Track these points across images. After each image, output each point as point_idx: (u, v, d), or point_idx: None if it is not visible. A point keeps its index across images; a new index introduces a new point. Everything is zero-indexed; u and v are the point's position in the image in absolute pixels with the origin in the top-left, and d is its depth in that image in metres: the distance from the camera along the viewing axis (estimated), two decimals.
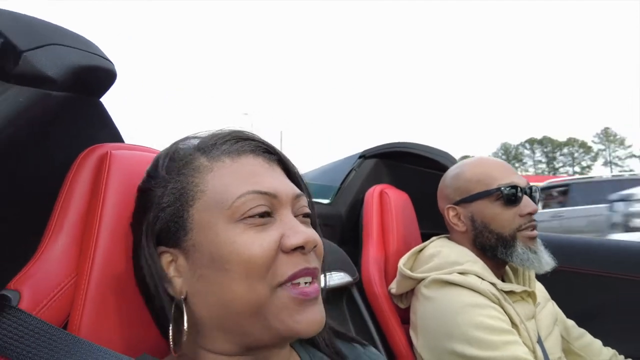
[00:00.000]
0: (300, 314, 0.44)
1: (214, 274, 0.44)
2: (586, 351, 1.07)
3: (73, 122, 0.55)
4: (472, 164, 1.05)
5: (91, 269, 0.49)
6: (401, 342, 1.00)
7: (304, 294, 0.44)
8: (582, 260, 1.34)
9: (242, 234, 0.44)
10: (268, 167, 0.50)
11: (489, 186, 0.99)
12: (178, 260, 0.47)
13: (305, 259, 0.46)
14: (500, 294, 0.91)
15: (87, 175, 0.54)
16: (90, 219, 0.52)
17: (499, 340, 0.82)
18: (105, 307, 0.50)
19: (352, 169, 1.41)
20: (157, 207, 0.48)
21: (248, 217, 0.45)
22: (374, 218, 1.19)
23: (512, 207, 0.97)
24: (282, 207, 0.47)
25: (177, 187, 0.48)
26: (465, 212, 1.02)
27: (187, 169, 0.48)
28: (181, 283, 0.47)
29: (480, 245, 1.00)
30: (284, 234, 0.45)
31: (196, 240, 0.46)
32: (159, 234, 0.48)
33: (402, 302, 1.05)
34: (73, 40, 0.50)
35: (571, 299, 1.17)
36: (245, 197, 0.45)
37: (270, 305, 0.44)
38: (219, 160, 0.49)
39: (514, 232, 0.97)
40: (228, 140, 0.50)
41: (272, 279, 0.44)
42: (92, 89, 0.56)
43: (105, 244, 0.51)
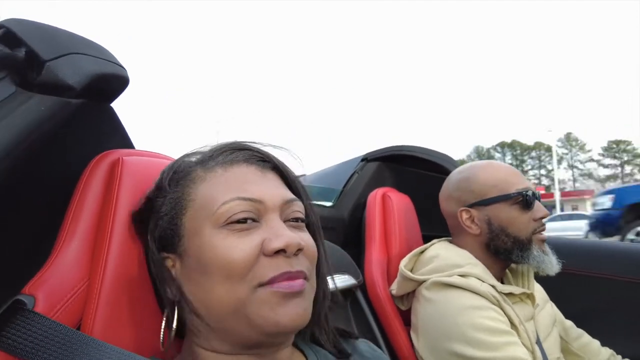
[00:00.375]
0: (281, 307, 0.45)
1: (200, 277, 0.47)
2: (584, 351, 1.08)
3: (86, 128, 0.56)
4: (483, 168, 1.05)
5: (104, 274, 0.50)
6: (404, 345, 1.01)
7: (288, 287, 0.45)
8: (581, 262, 1.35)
9: (224, 239, 0.46)
10: (260, 174, 0.51)
11: (506, 190, 1.00)
12: (176, 264, 0.50)
13: (287, 262, 0.46)
14: (500, 295, 0.92)
15: (100, 180, 0.55)
16: (103, 224, 0.53)
17: (498, 341, 0.83)
18: (117, 311, 0.51)
19: (355, 171, 1.42)
20: (157, 215, 0.51)
21: (231, 222, 0.47)
22: (377, 221, 1.19)
23: (527, 212, 0.99)
24: (269, 212, 0.48)
25: (174, 197, 0.50)
26: (480, 215, 1.02)
27: (185, 180, 0.51)
28: (177, 286, 0.50)
29: (494, 248, 1.01)
30: (266, 238, 0.46)
31: (187, 245, 0.48)
32: (160, 240, 0.50)
33: (402, 304, 1.06)
34: (90, 48, 0.52)
35: (570, 300, 1.19)
36: (230, 204, 0.47)
37: (251, 302, 0.45)
38: (212, 170, 0.51)
39: (530, 236, 0.99)
40: (224, 152, 0.53)
41: (252, 281, 0.45)
42: (106, 95, 0.57)
43: (118, 249, 0.52)
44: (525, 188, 1.00)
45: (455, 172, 1.10)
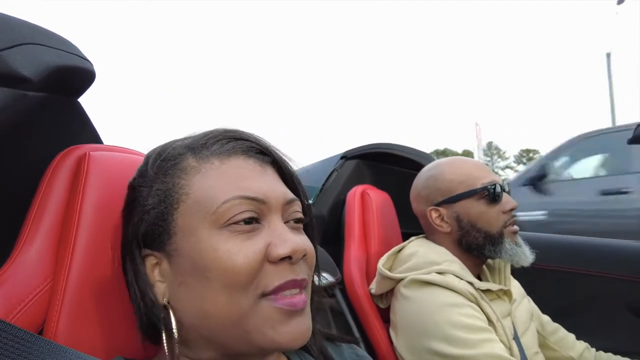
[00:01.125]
0: (283, 326, 0.42)
1: (195, 282, 0.43)
2: (560, 345, 1.10)
3: (50, 123, 0.54)
4: (449, 165, 1.06)
5: (68, 273, 0.48)
6: (383, 342, 1.01)
7: (291, 305, 0.42)
8: (556, 257, 1.38)
9: (226, 242, 0.42)
10: (260, 169, 0.47)
11: (473, 186, 1.00)
12: (162, 264, 0.45)
13: (292, 270, 0.44)
14: (477, 292, 0.93)
15: (65, 177, 0.52)
16: (68, 221, 0.50)
17: (476, 339, 0.84)
18: (84, 312, 0.48)
19: (334, 169, 1.41)
20: (142, 209, 0.46)
21: (233, 223, 0.43)
22: (356, 218, 1.19)
23: (495, 205, 0.99)
24: (271, 213, 0.45)
25: (162, 188, 0.46)
26: (449, 213, 1.03)
27: (175, 169, 0.46)
28: (164, 288, 0.45)
29: (466, 244, 1.01)
30: (270, 243, 0.43)
31: (179, 245, 0.44)
32: (144, 236, 0.46)
33: (382, 302, 1.06)
34: (50, 40, 0.49)
35: (545, 295, 1.21)
36: (231, 203, 0.43)
37: (252, 316, 0.42)
38: (207, 161, 0.46)
39: (500, 230, 0.99)
40: (219, 140, 0.48)
41: (256, 290, 0.42)
42: (70, 90, 0.55)
43: (84, 248, 0.50)
44: (491, 182, 1.00)
45: (423, 170, 1.11)
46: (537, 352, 1.01)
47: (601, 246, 1.39)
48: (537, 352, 1.01)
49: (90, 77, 0.55)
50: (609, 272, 1.31)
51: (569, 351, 1.09)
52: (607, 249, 1.36)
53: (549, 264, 1.36)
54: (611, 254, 1.35)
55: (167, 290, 0.45)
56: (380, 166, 1.48)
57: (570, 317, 1.23)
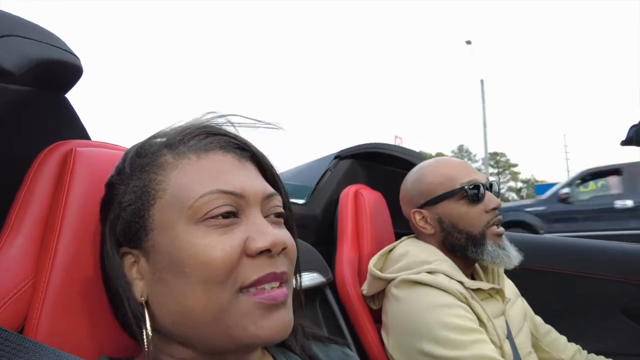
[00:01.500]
0: (264, 319, 0.42)
1: (172, 278, 0.42)
2: (552, 347, 1.10)
3: (35, 118, 0.53)
4: (431, 166, 1.06)
5: (51, 271, 0.47)
6: (374, 343, 1.01)
7: (271, 298, 0.42)
8: (549, 258, 1.38)
9: (203, 237, 0.42)
10: (238, 164, 0.47)
11: (451, 187, 1.00)
12: (140, 261, 0.45)
13: (272, 263, 0.43)
14: (468, 292, 0.92)
15: (50, 172, 0.52)
16: (52, 218, 0.50)
17: (466, 340, 0.83)
18: (67, 310, 0.48)
19: (328, 169, 1.41)
20: (119, 206, 0.45)
21: (210, 217, 0.42)
22: (349, 218, 1.19)
23: (477, 205, 0.98)
24: (250, 207, 0.45)
25: (139, 184, 0.45)
26: (431, 215, 1.03)
27: (151, 166, 0.46)
28: (142, 286, 0.44)
29: (450, 245, 1.01)
30: (249, 237, 0.43)
31: (156, 241, 0.43)
32: (121, 234, 0.45)
33: (374, 303, 1.05)
34: (34, 32, 0.48)
35: (538, 297, 1.21)
36: (208, 197, 0.43)
37: (231, 311, 0.41)
38: (184, 157, 0.46)
39: (483, 230, 0.98)
40: (196, 136, 0.47)
41: (234, 284, 0.41)
42: (56, 84, 0.54)
43: (67, 245, 0.49)
44: (470, 181, 0.99)
45: (410, 172, 1.11)
46: (530, 352, 1.01)
47: (594, 248, 1.39)
48: (530, 352, 1.01)
49: (76, 72, 0.54)
50: (601, 274, 1.31)
51: (561, 354, 1.09)
52: (600, 251, 1.37)
53: (542, 265, 1.37)
54: (604, 255, 1.35)
55: (146, 287, 0.44)
56: (374, 166, 1.48)
57: (562, 318, 1.23)
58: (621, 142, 1.09)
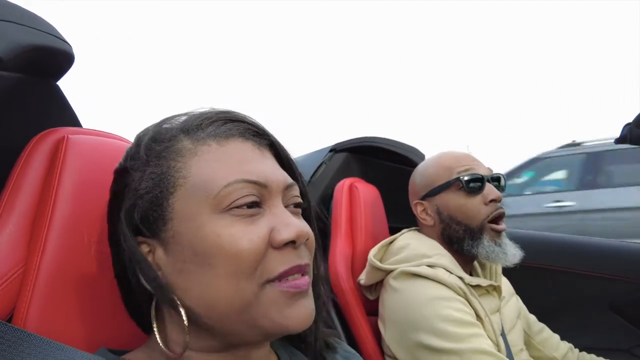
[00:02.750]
0: (290, 308, 0.41)
1: (196, 269, 0.41)
2: (545, 345, 1.10)
3: (25, 104, 0.52)
4: (434, 158, 1.06)
5: (41, 260, 0.47)
6: (366, 336, 1.01)
7: (296, 287, 0.42)
8: (543, 256, 1.39)
9: (229, 227, 0.41)
10: (258, 152, 0.46)
11: (448, 177, 0.99)
12: (156, 251, 0.43)
13: (297, 255, 0.43)
14: (466, 287, 0.92)
15: (41, 160, 0.51)
16: (43, 206, 0.49)
17: (464, 333, 0.84)
18: (56, 300, 0.47)
19: (323, 162, 1.40)
20: (135, 194, 0.43)
21: (235, 207, 0.41)
22: (343, 212, 1.19)
23: (475, 196, 0.97)
24: (273, 197, 0.44)
25: (156, 171, 0.43)
26: (431, 206, 1.03)
27: (169, 151, 0.44)
28: (160, 277, 0.43)
29: (448, 238, 1.01)
30: (274, 228, 0.42)
31: (177, 231, 0.42)
32: (138, 223, 0.43)
33: (371, 294, 1.05)
34: (25, 18, 0.47)
35: (531, 293, 1.22)
36: (233, 186, 0.41)
37: (258, 303, 0.41)
38: (204, 143, 0.44)
39: (482, 224, 0.96)
40: (215, 122, 0.46)
41: (261, 277, 0.41)
42: (47, 71, 0.53)
43: (58, 234, 0.48)
44: (466, 171, 0.97)
45: (418, 165, 1.11)
46: (523, 350, 1.02)
47: (584, 245, 1.40)
48: (522, 350, 1.01)
49: (68, 60, 0.53)
50: (591, 271, 1.33)
51: (553, 352, 1.10)
52: (590, 248, 1.38)
53: (534, 261, 1.38)
54: (593, 252, 1.36)
55: (164, 279, 0.43)
56: (369, 160, 1.47)
57: (553, 314, 1.24)
58: (615, 140, 1.09)
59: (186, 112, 0.48)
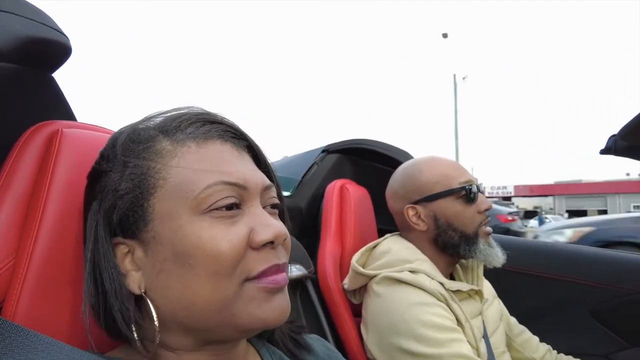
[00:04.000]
0: (268, 303, 0.43)
1: (176, 269, 0.41)
2: (525, 347, 1.13)
3: (20, 96, 0.52)
4: (427, 163, 1.06)
5: (32, 253, 0.46)
6: (352, 336, 1.02)
7: (274, 282, 0.43)
8: (527, 262, 1.42)
9: (209, 228, 0.41)
10: (237, 154, 0.47)
11: (450, 185, 1.01)
12: (135, 252, 0.43)
13: (274, 254, 0.44)
14: (447, 293, 0.94)
15: (34, 153, 0.50)
16: (35, 200, 0.49)
17: (444, 338, 0.85)
18: (47, 293, 0.47)
19: (315, 162, 1.41)
20: (115, 194, 0.43)
21: (215, 209, 0.42)
22: (333, 213, 1.20)
23: (472, 205, 1.01)
24: (251, 198, 0.45)
25: (136, 172, 0.44)
26: (426, 212, 1.03)
27: (148, 152, 0.44)
28: (139, 277, 0.43)
29: (442, 243, 1.02)
30: (253, 229, 0.43)
31: (157, 231, 0.42)
32: (117, 224, 0.44)
33: (355, 298, 1.07)
34: (22, 9, 0.47)
35: (513, 297, 1.24)
36: (213, 188, 0.42)
37: (238, 300, 0.41)
38: (183, 144, 0.45)
39: (476, 230, 1.01)
40: (194, 123, 0.46)
41: (240, 276, 0.42)
42: (43, 63, 0.52)
43: (50, 228, 0.48)
44: (468, 181, 1.02)
45: (400, 169, 1.11)
46: (504, 352, 1.04)
47: (566, 251, 1.43)
48: (504, 352, 1.03)
49: (65, 52, 0.53)
50: (573, 277, 1.36)
51: (533, 353, 1.12)
52: (572, 254, 1.41)
53: (517, 266, 1.40)
54: (575, 259, 1.39)
55: (144, 279, 0.43)
56: (361, 162, 1.49)
57: (536, 318, 1.27)
58: (600, 151, 1.12)
59: (160, 113, 0.49)
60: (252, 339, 0.54)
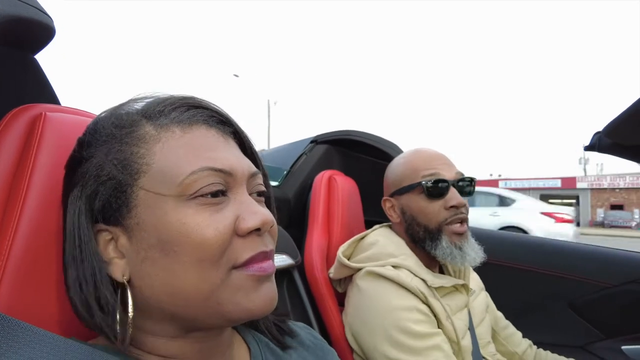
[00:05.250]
0: (255, 292, 0.42)
1: (161, 256, 0.40)
2: (508, 341, 1.15)
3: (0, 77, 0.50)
4: (405, 156, 1.07)
5: (13, 239, 0.45)
6: (337, 326, 1.03)
7: (262, 270, 0.42)
8: (509, 254, 1.44)
9: (194, 215, 0.40)
10: (223, 140, 0.46)
11: (414, 179, 1.00)
12: (119, 239, 0.42)
13: (261, 241, 0.43)
14: (429, 290, 0.94)
15: (16, 137, 0.49)
16: (16, 186, 0.47)
17: (420, 346, 0.86)
18: (28, 282, 0.46)
19: (303, 152, 1.41)
20: (97, 180, 0.42)
21: (200, 195, 0.41)
22: (321, 203, 1.20)
23: (438, 200, 0.97)
24: (238, 185, 0.44)
25: (119, 157, 0.42)
26: (398, 204, 1.05)
27: (131, 137, 0.43)
28: (124, 265, 0.42)
29: (411, 236, 1.03)
30: (239, 216, 0.42)
31: (141, 218, 0.41)
32: (99, 210, 0.42)
33: (339, 287, 1.08)
34: None
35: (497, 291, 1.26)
36: (198, 174, 0.41)
37: (225, 288, 0.41)
38: (167, 129, 0.43)
39: (439, 226, 0.97)
40: (178, 107, 0.45)
41: (227, 264, 0.41)
42: (25, 44, 0.51)
43: (32, 214, 0.47)
44: (430, 175, 0.98)
45: (392, 161, 1.12)
46: (489, 342, 1.06)
47: (549, 246, 1.46)
48: (489, 342, 1.05)
49: (48, 33, 0.51)
50: (555, 271, 1.39)
51: (515, 347, 1.15)
52: (550, 248, 1.44)
53: (500, 259, 1.43)
54: (554, 252, 1.43)
55: (128, 266, 0.42)
56: (349, 153, 1.49)
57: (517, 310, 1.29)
58: (584, 147, 1.14)
59: (141, 97, 0.48)
60: (237, 326, 0.53)
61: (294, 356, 0.55)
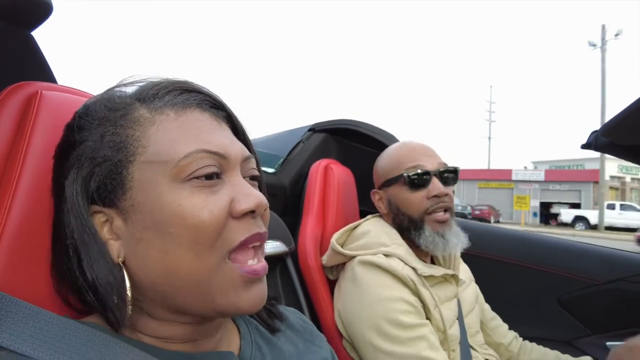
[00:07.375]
0: (246, 292, 0.43)
1: (156, 238, 0.41)
2: (495, 332, 1.18)
3: None
4: (392, 149, 1.11)
5: (6, 219, 0.45)
6: (328, 313, 1.04)
7: (254, 273, 0.43)
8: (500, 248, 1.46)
9: (189, 197, 0.41)
10: (216, 124, 0.46)
11: (397, 172, 1.04)
12: (114, 221, 0.43)
13: (255, 223, 0.44)
14: (419, 279, 0.96)
15: (11, 114, 0.48)
16: (11, 163, 0.47)
17: (405, 336, 0.88)
18: (21, 262, 0.46)
19: (301, 140, 1.41)
20: (92, 162, 0.42)
21: (195, 177, 0.42)
22: (317, 192, 1.20)
23: (420, 191, 1.01)
24: (231, 168, 0.45)
25: (114, 139, 0.43)
26: (385, 196, 1.09)
27: (125, 120, 0.43)
28: (118, 246, 0.43)
29: (397, 227, 1.06)
30: (234, 198, 0.43)
31: (136, 200, 0.41)
32: (95, 192, 0.43)
33: (331, 274, 1.09)
34: None
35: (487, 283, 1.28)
36: (193, 156, 0.42)
37: (217, 277, 0.41)
38: (162, 112, 0.44)
39: (422, 215, 1.01)
40: (171, 91, 0.46)
41: (222, 247, 0.41)
42: (21, 20, 0.50)
43: (27, 193, 0.46)
44: (412, 167, 1.02)
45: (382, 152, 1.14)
46: (478, 332, 1.08)
47: (534, 240, 1.48)
48: (477, 332, 1.08)
49: (45, 9, 0.50)
50: (545, 266, 1.41)
51: (501, 339, 1.17)
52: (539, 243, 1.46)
53: (490, 253, 1.44)
54: (542, 248, 1.44)
55: (123, 248, 0.43)
56: (346, 142, 1.49)
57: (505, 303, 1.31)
58: (581, 145, 1.14)
59: (134, 80, 0.48)
60: None
61: (282, 339, 0.56)
